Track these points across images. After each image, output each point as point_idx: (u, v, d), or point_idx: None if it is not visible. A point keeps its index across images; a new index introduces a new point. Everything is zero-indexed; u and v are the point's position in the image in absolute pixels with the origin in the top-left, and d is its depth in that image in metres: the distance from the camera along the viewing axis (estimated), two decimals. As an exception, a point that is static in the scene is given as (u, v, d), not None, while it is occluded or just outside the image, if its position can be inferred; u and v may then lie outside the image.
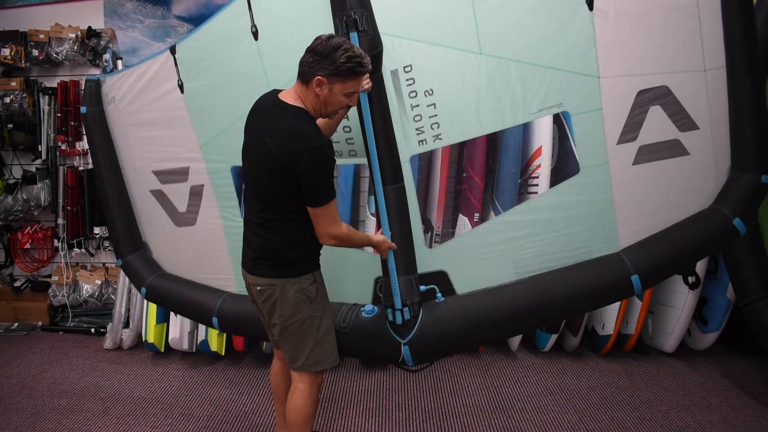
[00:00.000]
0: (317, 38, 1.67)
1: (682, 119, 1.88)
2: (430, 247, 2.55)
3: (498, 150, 3.15)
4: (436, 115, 2.04)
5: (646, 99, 1.89)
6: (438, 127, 2.05)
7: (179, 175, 2.50)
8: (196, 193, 2.49)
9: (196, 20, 3.77)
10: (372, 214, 2.98)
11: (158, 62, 2.38)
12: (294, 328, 1.85)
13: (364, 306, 2.16)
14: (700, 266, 3.08)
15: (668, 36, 1.83)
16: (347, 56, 1.61)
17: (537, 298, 2.00)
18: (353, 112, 2.02)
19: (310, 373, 1.90)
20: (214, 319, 2.38)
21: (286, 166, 1.66)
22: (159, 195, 2.57)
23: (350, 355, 2.33)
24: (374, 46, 1.86)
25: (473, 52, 1.95)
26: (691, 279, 3.08)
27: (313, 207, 1.72)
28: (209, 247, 2.50)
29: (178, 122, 2.41)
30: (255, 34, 2.12)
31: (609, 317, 3.15)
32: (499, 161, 3.12)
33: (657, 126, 1.90)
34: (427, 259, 2.14)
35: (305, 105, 1.73)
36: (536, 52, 1.92)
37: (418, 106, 2.04)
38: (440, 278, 2.13)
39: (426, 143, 2.08)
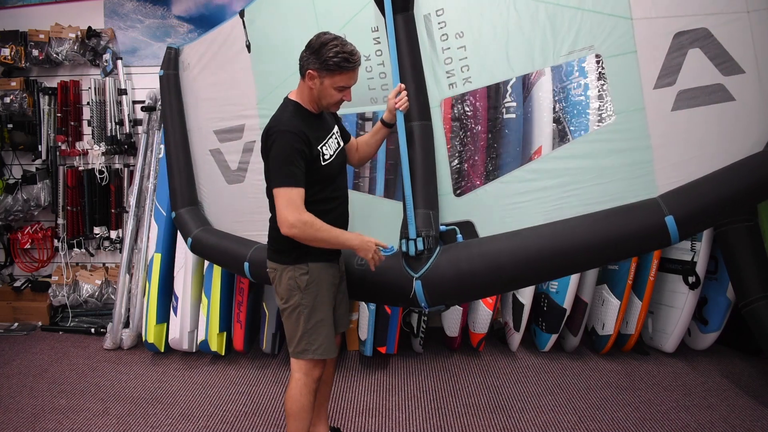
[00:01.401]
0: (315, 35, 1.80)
1: (725, 62, 1.73)
2: (458, 195, 2.35)
3: (498, 156, 3.12)
4: (466, 58, 2.08)
5: (684, 42, 1.76)
6: (468, 70, 2.09)
7: (235, 132, 2.70)
8: (248, 150, 2.67)
9: (196, 20, 3.77)
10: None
11: (229, 26, 2.66)
12: (287, 313, 1.93)
13: (386, 247, 2.04)
14: (700, 266, 3.08)
15: None
16: (335, 51, 1.73)
17: (561, 240, 1.85)
18: (388, 60, 2.13)
19: (306, 362, 1.93)
20: (246, 264, 2.45)
21: (265, 150, 1.81)
22: (216, 154, 2.78)
23: (365, 298, 2.38)
24: None
25: None
26: (691, 279, 3.08)
27: (272, 189, 1.77)
28: (253, 204, 2.62)
29: (242, 81, 2.63)
30: None
31: (609, 317, 3.15)
32: (500, 158, 3.11)
33: (697, 70, 1.76)
34: (454, 207, 2.10)
35: (301, 98, 1.86)
36: None
37: (449, 48, 2.10)
38: (466, 228, 2.07)
39: (456, 86, 2.11)
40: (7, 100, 3.71)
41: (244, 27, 2.60)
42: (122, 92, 3.73)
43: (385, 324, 3.04)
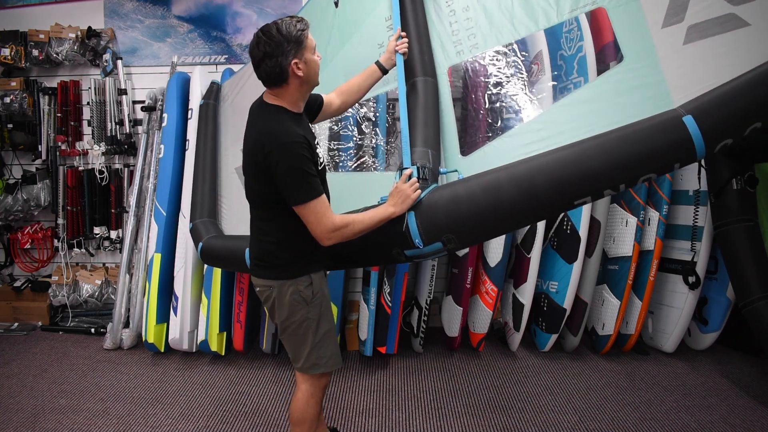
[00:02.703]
0: (254, 49, 1.68)
1: None
2: (464, 155, 2.23)
3: (503, 114, 3.10)
4: (472, 27, 2.18)
5: None
6: (474, 37, 2.18)
7: None
8: None
9: (196, 20, 3.78)
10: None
11: None
12: (292, 330, 1.83)
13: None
14: (700, 266, 3.08)
15: None
16: (290, 24, 1.65)
17: (572, 161, 1.65)
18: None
19: (313, 374, 1.88)
20: (247, 251, 2.32)
21: (261, 165, 1.67)
22: (239, 171, 2.87)
23: (351, 259, 2.18)
24: None
25: None
26: (691, 279, 3.08)
27: (295, 206, 1.66)
28: None
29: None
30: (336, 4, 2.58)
31: (609, 317, 3.15)
32: (505, 116, 3.09)
33: (705, 4, 1.70)
34: (461, 166, 2.01)
35: (284, 102, 1.73)
36: None
37: (456, 22, 2.23)
38: None
39: (463, 53, 2.19)
40: (7, 100, 3.71)
41: None
42: (122, 92, 3.73)
43: (385, 324, 3.04)
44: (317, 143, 1.87)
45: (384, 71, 2.10)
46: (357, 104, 2.71)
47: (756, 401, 2.73)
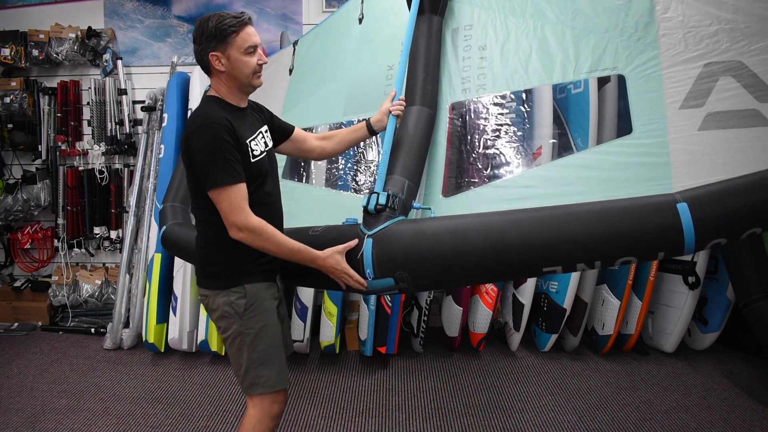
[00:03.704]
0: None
1: (761, 91, 1.59)
2: (446, 196, 2.13)
3: (495, 160, 3.11)
4: (484, 67, 2.10)
5: (715, 70, 1.66)
6: (484, 78, 2.10)
7: None
8: None
9: (196, 20, 3.77)
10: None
11: (285, 53, 3.07)
12: (228, 344, 1.69)
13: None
14: (700, 266, 3.08)
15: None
16: (217, 20, 1.60)
17: (549, 222, 1.52)
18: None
19: (261, 398, 1.66)
20: None
21: (185, 154, 1.60)
22: None
23: (307, 279, 2.04)
24: None
25: (532, 18, 2.05)
26: (691, 279, 3.08)
27: (209, 191, 1.54)
28: None
29: (275, 99, 2.83)
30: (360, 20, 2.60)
31: (609, 317, 3.15)
32: (497, 163, 3.11)
33: (729, 95, 1.63)
34: (440, 207, 1.94)
35: (218, 93, 1.67)
36: (594, 21, 1.91)
37: (469, 58, 2.14)
38: None
39: (469, 92, 2.11)
40: (7, 100, 3.71)
41: (293, 54, 2.95)
42: (122, 92, 3.73)
43: (385, 324, 3.04)
44: (261, 135, 1.74)
45: (372, 133, 1.98)
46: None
47: (756, 401, 2.73)
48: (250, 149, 1.63)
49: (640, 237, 1.45)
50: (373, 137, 2.15)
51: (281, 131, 1.93)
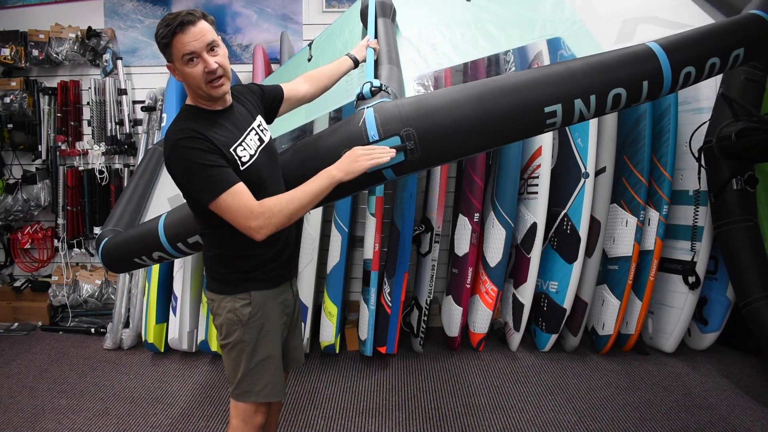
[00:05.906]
0: None
1: None
2: None
3: (498, 150, 3.15)
4: (436, 49, 2.27)
5: None
6: (438, 57, 2.25)
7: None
8: None
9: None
10: (372, 215, 2.98)
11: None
12: (227, 350, 1.65)
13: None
14: (700, 266, 3.08)
15: None
16: (158, 28, 1.46)
17: (549, 70, 1.66)
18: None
19: (246, 406, 1.64)
20: (162, 237, 2.04)
21: (169, 171, 1.51)
22: (173, 200, 2.50)
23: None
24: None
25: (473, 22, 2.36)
26: (691, 279, 3.08)
27: (208, 206, 1.46)
28: None
29: None
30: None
31: (609, 317, 3.15)
32: (499, 160, 3.13)
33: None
34: None
35: (192, 99, 1.56)
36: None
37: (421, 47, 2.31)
38: None
39: (430, 65, 2.25)
40: (7, 100, 3.71)
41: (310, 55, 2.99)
42: (122, 92, 3.73)
43: (385, 324, 3.04)
44: (253, 132, 1.62)
45: (355, 62, 2.02)
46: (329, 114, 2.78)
47: (756, 401, 2.73)
48: (236, 157, 1.50)
49: (623, 64, 1.63)
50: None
51: (273, 100, 1.82)
